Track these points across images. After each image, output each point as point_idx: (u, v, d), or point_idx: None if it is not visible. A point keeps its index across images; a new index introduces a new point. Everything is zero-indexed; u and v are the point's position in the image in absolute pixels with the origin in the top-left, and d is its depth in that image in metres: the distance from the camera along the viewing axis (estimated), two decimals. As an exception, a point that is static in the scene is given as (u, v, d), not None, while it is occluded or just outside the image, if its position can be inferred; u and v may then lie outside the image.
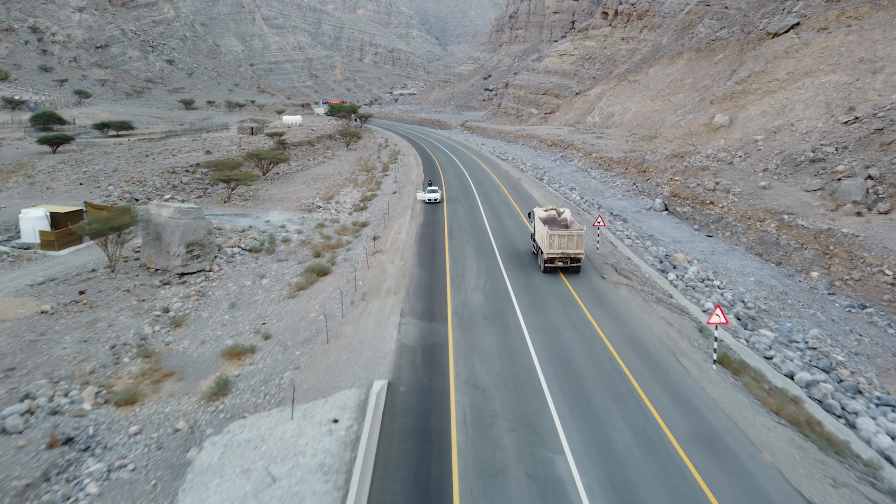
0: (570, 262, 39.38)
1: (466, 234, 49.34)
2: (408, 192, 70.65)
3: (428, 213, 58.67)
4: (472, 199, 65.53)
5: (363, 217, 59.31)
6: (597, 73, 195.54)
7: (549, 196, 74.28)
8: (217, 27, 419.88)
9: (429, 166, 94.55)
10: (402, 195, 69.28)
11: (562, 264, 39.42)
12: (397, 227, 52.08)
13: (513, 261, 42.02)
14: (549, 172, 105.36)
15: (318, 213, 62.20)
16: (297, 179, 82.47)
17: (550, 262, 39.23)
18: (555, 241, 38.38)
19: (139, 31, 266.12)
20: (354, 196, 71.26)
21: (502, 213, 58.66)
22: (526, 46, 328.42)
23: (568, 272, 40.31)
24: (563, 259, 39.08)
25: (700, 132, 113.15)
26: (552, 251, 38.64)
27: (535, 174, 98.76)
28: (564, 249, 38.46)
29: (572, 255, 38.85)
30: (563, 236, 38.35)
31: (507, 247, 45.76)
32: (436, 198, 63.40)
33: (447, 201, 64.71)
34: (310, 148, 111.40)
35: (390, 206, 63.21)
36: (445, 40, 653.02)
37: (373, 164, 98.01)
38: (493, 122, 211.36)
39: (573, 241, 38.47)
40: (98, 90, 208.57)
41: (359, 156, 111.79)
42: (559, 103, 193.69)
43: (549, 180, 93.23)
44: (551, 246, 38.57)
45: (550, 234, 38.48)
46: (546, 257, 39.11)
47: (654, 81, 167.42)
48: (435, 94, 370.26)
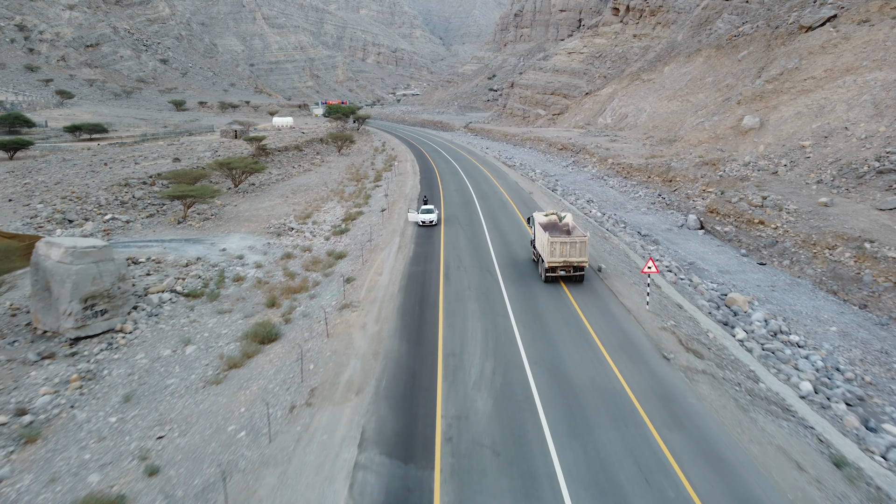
0: (572, 271, 37.19)
1: (468, 276, 37.57)
2: (399, 209, 59.07)
3: (421, 239, 47.02)
4: (476, 221, 53.70)
5: (342, 244, 47.73)
6: (608, 72, 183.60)
7: (569, 213, 63.00)
8: (217, 27, 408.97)
9: (427, 175, 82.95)
10: (393, 213, 57.71)
11: (564, 273, 37.11)
12: (379, 262, 40.44)
13: (532, 320, 30.24)
14: (561, 181, 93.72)
15: (288, 238, 50.65)
16: (274, 191, 71.07)
17: (552, 270, 36.99)
18: (556, 248, 36.15)
19: (132, 30, 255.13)
20: (337, 213, 59.73)
21: (513, 240, 46.71)
22: (531, 45, 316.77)
23: (571, 282, 37.58)
24: (565, 268, 36.91)
25: (727, 135, 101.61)
26: (553, 259, 36.31)
27: (546, 183, 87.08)
28: (566, 257, 36.27)
29: (575, 264, 36.66)
30: (565, 243, 36.15)
31: (523, 297, 33.96)
32: (431, 219, 51.61)
33: (445, 223, 52.90)
34: (297, 153, 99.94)
35: (376, 229, 51.59)
36: (449, 40, 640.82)
37: (364, 173, 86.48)
38: (498, 123, 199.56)
39: (576, 249, 36.33)
40: (85, 90, 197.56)
41: (351, 162, 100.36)
42: (568, 104, 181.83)
43: (563, 191, 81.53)
44: (552, 254, 36.23)
45: (552, 242, 36.12)
46: (547, 266, 36.73)
47: (671, 81, 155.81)
48: (438, 94, 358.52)
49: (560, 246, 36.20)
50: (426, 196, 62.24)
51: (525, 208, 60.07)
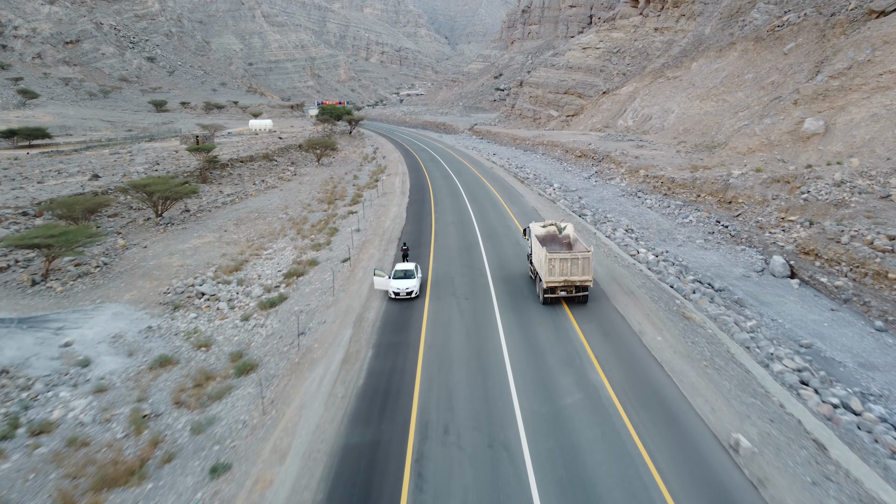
0: (574, 291, 31.12)
1: (466, 456, 18.31)
2: (369, 258, 39.93)
3: (388, 334, 27.17)
4: (482, 289, 34.14)
5: (263, 332, 28.73)
6: (627, 69, 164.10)
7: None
8: (215, 25, 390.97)
9: (417, 197, 63.49)
10: (358, 266, 38.59)
11: (565, 294, 31.02)
12: (297, 405, 21.25)
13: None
14: (586, 198, 74.71)
15: (190, 313, 31.88)
16: (214, 220, 52.33)
17: (550, 291, 31.01)
18: (555, 266, 30.23)
19: (119, 26, 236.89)
20: (283, 261, 40.84)
21: (548, 355, 27.16)
22: (540, 43, 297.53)
23: (574, 302, 31.43)
24: (566, 288, 30.87)
25: (783, 142, 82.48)
26: (553, 278, 30.38)
27: (569, 202, 68.00)
28: (567, 276, 30.40)
29: (577, 283, 30.77)
30: (566, 260, 30.29)
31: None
32: (409, 289, 32.51)
33: (433, 291, 33.47)
34: (265, 165, 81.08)
35: (325, 301, 32.41)
36: (455, 39, 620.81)
37: (342, 191, 67.60)
38: (506, 125, 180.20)
39: (578, 266, 30.45)
40: (59, 90, 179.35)
41: (330, 175, 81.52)
42: (583, 104, 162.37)
43: (594, 216, 62.36)
44: (551, 272, 30.31)
45: (550, 259, 30.21)
46: (546, 286, 30.77)
47: (701, 78, 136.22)
48: (442, 94, 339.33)
49: (560, 263, 30.54)
50: (406, 244, 41.47)
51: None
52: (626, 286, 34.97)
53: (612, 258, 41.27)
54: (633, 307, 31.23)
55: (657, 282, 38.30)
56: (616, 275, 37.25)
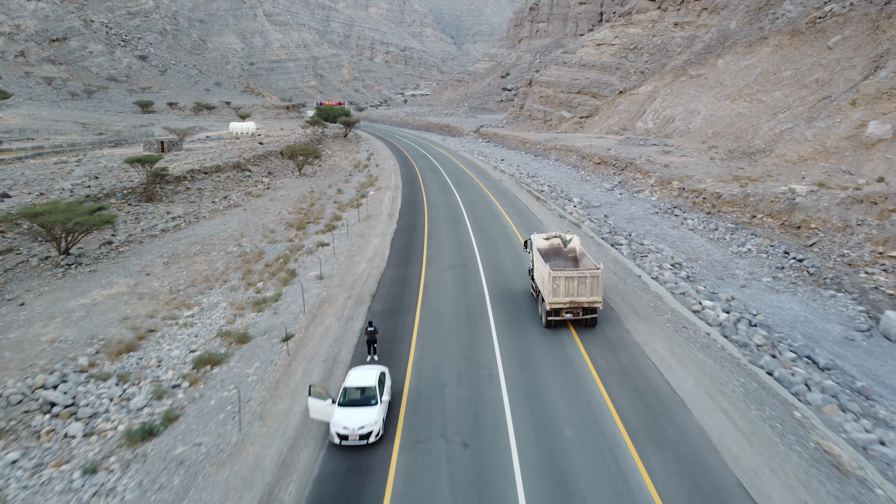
0: (581, 313, 26.53)
1: None
2: (322, 338, 26.47)
3: None
4: (493, 419, 19.53)
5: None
6: (645, 67, 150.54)
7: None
8: (216, 23, 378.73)
9: (407, 224, 49.16)
10: (302, 354, 25.03)
11: (571, 316, 26.46)
12: None
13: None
14: (613, 216, 61.51)
15: (6, 456, 19.07)
16: (138, 258, 39.34)
17: (555, 313, 26.43)
18: (560, 285, 25.66)
19: (111, 24, 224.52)
20: (206, 330, 27.82)
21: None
22: (548, 41, 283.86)
23: (580, 325, 26.79)
24: (572, 310, 26.30)
25: (842, 149, 69.17)
26: (557, 299, 25.86)
27: (595, 224, 54.74)
28: (574, 297, 25.85)
29: (585, 305, 26.21)
30: (572, 279, 25.69)
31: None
32: (364, 430, 17.85)
33: (410, 420, 18.96)
34: (234, 176, 68.16)
35: (223, 441, 19.09)
36: (461, 39, 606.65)
37: (318, 211, 54.47)
38: (514, 127, 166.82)
39: (585, 286, 25.87)
40: (39, 90, 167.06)
41: (310, 188, 68.46)
42: (598, 104, 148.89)
43: (630, 243, 48.92)
44: (556, 292, 25.77)
45: (554, 277, 25.71)
46: (549, 308, 26.24)
47: (730, 76, 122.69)
48: (447, 94, 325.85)
49: (565, 282, 25.44)
50: (373, 325, 24.92)
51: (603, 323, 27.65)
52: (684, 354, 21.81)
53: (657, 305, 27.87)
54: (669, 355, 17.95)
55: (752, 371, 24.93)
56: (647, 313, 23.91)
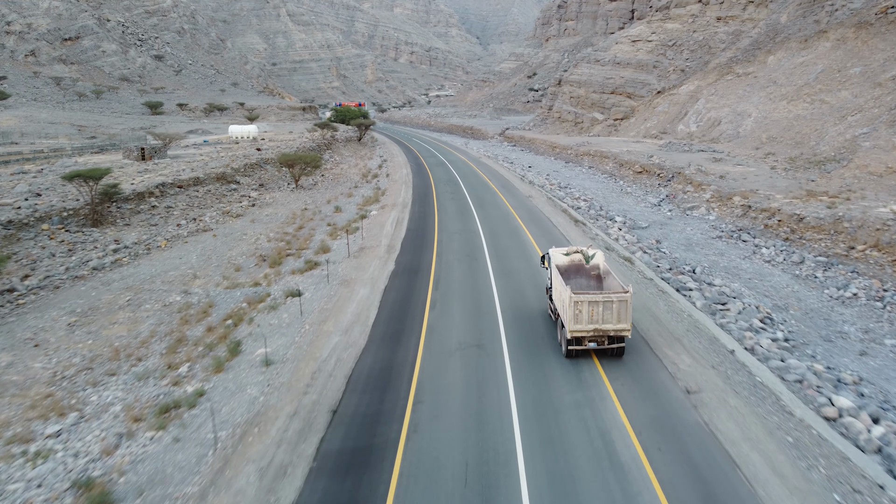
0: (607, 342, 22.61)
1: None
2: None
3: None
4: None
5: None
6: (686, 65, 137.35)
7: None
8: (239, 24, 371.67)
9: (411, 264, 35.65)
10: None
11: (595, 345, 22.47)
12: None
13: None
14: (666, 240, 49.20)
15: None
16: (35, 316, 28.22)
17: (577, 342, 22.48)
18: (582, 310, 21.59)
19: (127, 23, 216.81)
20: (58, 477, 17.02)
21: None
22: (577, 40, 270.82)
23: (605, 355, 22.85)
24: (596, 339, 22.41)
25: (944, 159, 56.58)
26: (579, 327, 21.78)
27: (651, 256, 42.67)
28: (599, 324, 21.72)
29: (612, 333, 22.08)
30: (597, 303, 21.56)
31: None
32: None
33: None
34: (216, 190, 57.41)
35: None
36: (486, 39, 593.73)
37: (305, 238, 43.19)
38: (542, 130, 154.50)
39: (612, 311, 21.67)
40: (46, 90, 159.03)
41: (306, 204, 57.34)
42: (634, 106, 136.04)
43: (699, 284, 36.71)
44: (578, 318, 21.68)
45: (576, 301, 21.60)
46: (570, 336, 22.20)
47: (784, 74, 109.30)
48: (472, 95, 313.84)
49: (589, 307, 21.49)
50: None
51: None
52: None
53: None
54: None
55: None
56: None
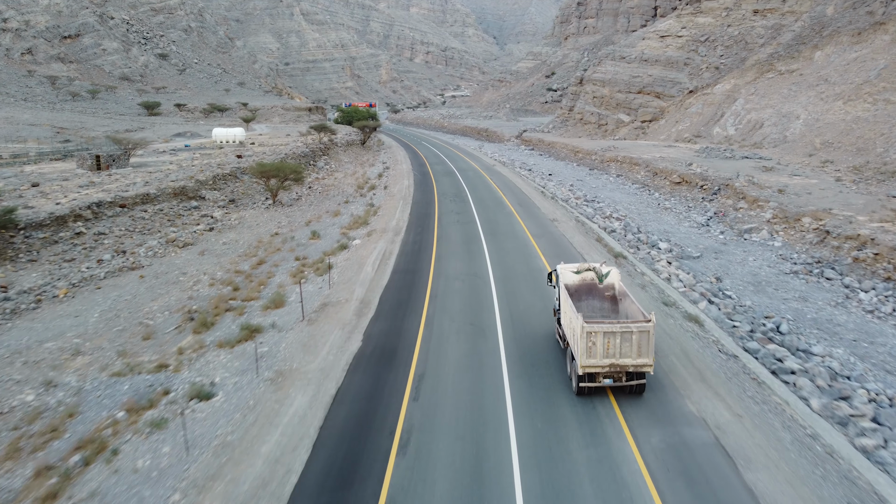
0: (625, 378, 18.27)
1: None
2: None
3: None
4: None
5: None
6: (720, 62, 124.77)
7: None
8: (252, 23, 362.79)
9: (386, 336, 24.27)
10: None
11: (611, 382, 18.15)
12: None
13: None
14: (728, 278, 37.10)
15: None
16: None
17: (589, 379, 18.23)
18: (596, 342, 17.62)
19: (132, 20, 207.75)
20: None
21: None
22: (597, 38, 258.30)
23: (622, 393, 18.67)
24: (613, 374, 18.12)
25: None
26: (593, 361, 17.75)
27: (716, 303, 30.97)
28: (616, 359, 17.69)
29: (631, 368, 17.89)
30: (614, 335, 17.63)
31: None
32: None
33: None
34: (171, 208, 46.59)
35: None
36: (503, 39, 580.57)
37: (254, 288, 31.81)
38: (562, 132, 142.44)
39: (632, 344, 17.67)
40: (39, 90, 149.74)
41: (278, 226, 46.34)
42: (663, 106, 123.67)
43: (810, 373, 25.10)
44: (591, 352, 17.64)
45: (589, 332, 17.66)
46: (581, 372, 18.05)
47: (836, 71, 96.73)
48: (488, 95, 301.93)
49: (604, 339, 17.46)
50: None
51: None
52: None
53: None
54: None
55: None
56: None
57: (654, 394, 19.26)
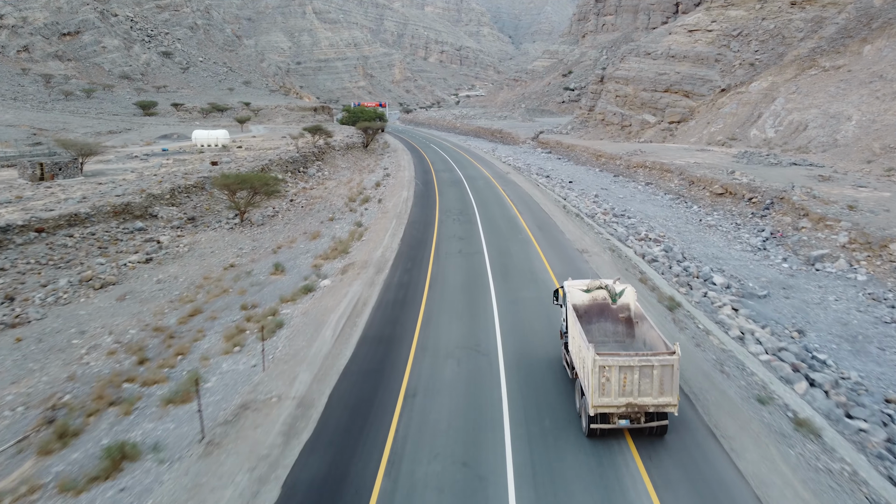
0: (644, 419, 14.99)
1: None
2: None
3: None
4: None
5: None
6: (755, 58, 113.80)
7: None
8: (264, 21, 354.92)
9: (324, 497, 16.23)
10: None
11: (627, 423, 14.88)
12: None
13: None
14: (812, 327, 26.71)
15: None
16: None
17: (603, 420, 15.05)
18: (611, 378, 14.49)
19: (137, 17, 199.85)
20: None
21: None
22: (616, 36, 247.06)
23: (642, 435, 15.26)
24: (630, 415, 14.85)
25: None
26: (607, 400, 14.61)
27: (826, 386, 20.89)
28: (634, 397, 14.54)
29: (651, 408, 14.67)
30: (631, 369, 14.47)
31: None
32: None
33: None
34: (105, 233, 37.38)
35: None
36: (519, 38, 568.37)
37: (161, 364, 22.79)
38: (582, 134, 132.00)
39: (652, 379, 14.47)
40: (31, 88, 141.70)
41: (237, 256, 36.98)
42: (693, 106, 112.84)
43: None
44: (604, 389, 14.51)
45: (602, 366, 14.52)
46: (592, 411, 14.87)
47: (891, 67, 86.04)
48: (503, 95, 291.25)
49: (620, 374, 14.25)
50: None
51: None
52: None
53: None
54: None
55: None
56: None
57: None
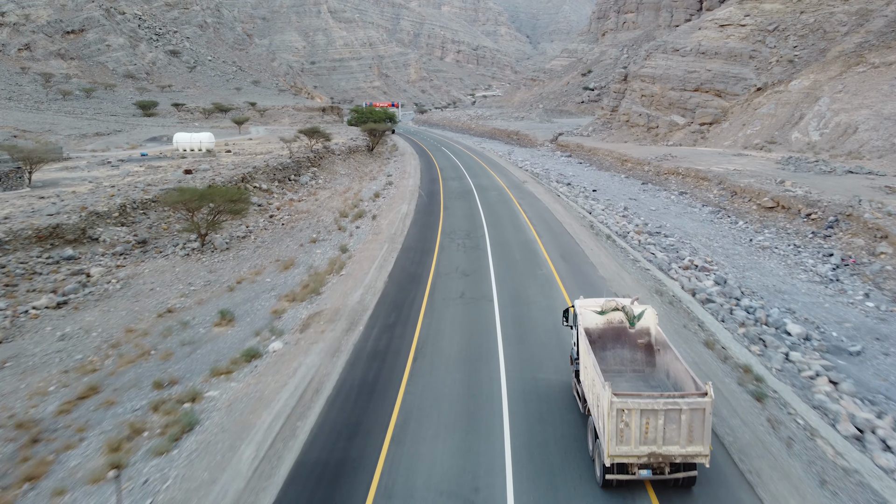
0: (669, 470, 11.20)
1: None
2: None
3: None
4: None
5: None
6: (794, 54, 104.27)
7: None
8: (278, 21, 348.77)
9: None
10: None
11: (649, 473, 11.11)
12: None
13: None
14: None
15: None
16: None
17: (620, 469, 11.31)
18: (631, 423, 10.84)
19: (145, 15, 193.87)
20: None
21: None
22: (637, 34, 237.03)
23: (665, 487, 11.39)
24: (653, 465, 11.11)
25: None
26: (626, 449, 10.95)
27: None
28: (657, 446, 10.85)
29: (678, 459, 11.03)
30: (655, 413, 10.84)
31: None
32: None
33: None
34: (28, 259, 29.95)
35: None
36: (537, 38, 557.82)
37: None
38: (605, 136, 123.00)
39: (679, 425, 10.79)
40: (28, 88, 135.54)
41: (177, 295, 29.24)
42: (726, 106, 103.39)
43: None
44: (622, 436, 10.87)
45: (620, 409, 10.91)
46: (608, 461, 11.14)
47: (958, 61, 76.20)
48: (520, 95, 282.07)
49: (641, 418, 10.87)
50: None
51: None
52: None
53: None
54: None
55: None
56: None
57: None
